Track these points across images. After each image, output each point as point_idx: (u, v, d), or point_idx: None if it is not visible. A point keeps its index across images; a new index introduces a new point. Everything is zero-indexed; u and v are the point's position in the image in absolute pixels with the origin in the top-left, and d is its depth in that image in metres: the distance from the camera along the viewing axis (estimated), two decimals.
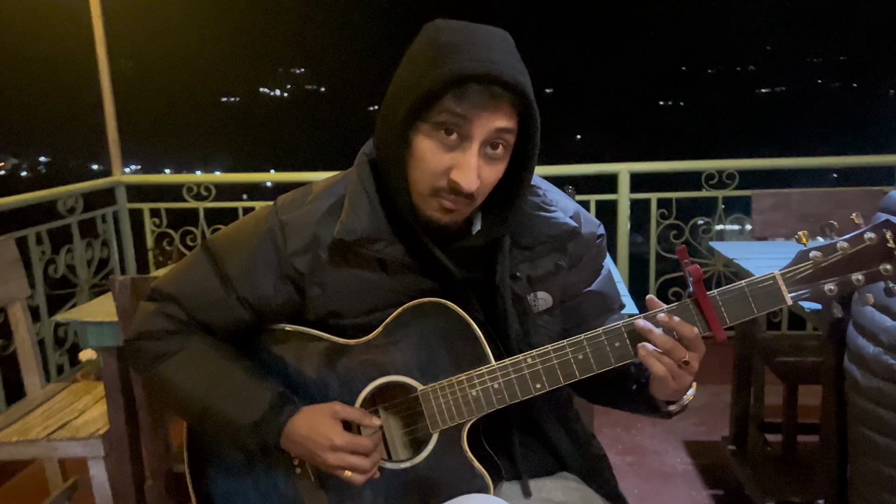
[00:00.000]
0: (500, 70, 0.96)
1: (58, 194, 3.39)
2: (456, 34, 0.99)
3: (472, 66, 0.96)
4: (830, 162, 3.84)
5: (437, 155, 1.01)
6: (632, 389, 1.15)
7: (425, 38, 1.03)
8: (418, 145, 1.02)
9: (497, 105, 0.98)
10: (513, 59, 1.00)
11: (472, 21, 1.04)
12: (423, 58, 1.00)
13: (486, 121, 0.98)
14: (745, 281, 1.01)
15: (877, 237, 0.97)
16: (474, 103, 0.97)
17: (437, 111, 0.98)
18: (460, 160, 1.00)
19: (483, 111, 0.98)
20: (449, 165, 1.01)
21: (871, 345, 1.33)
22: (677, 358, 1.00)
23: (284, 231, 1.12)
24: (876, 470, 1.32)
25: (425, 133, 1.01)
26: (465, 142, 1.00)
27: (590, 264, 1.22)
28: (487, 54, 0.97)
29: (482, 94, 0.96)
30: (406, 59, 1.05)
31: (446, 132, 0.99)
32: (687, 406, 1.12)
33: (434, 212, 1.05)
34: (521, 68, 1.00)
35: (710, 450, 2.84)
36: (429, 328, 1.11)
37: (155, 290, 1.18)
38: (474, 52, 0.97)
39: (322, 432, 1.07)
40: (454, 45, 0.98)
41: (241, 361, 1.15)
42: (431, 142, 1.01)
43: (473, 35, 1.00)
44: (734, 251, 2.29)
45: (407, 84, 1.01)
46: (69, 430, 1.97)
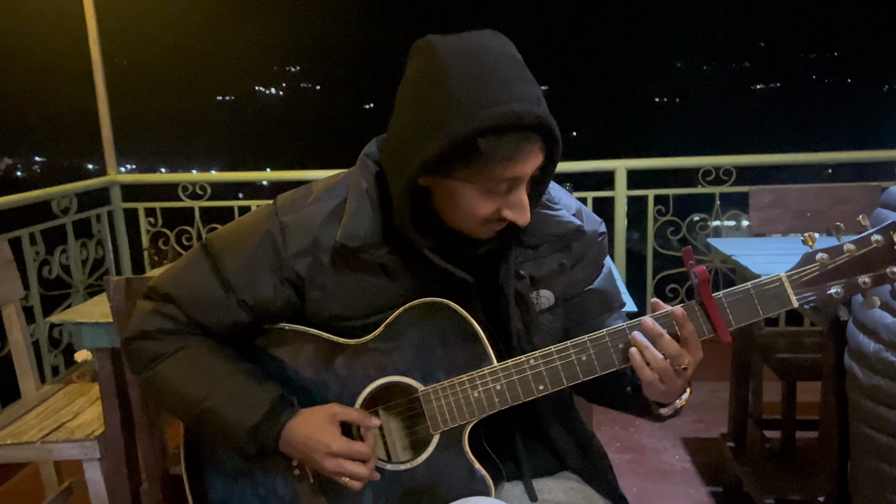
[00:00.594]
0: (524, 113, 0.92)
1: (52, 194, 3.36)
2: (464, 67, 0.93)
3: (498, 117, 0.91)
4: (827, 157, 3.82)
5: (488, 205, 1.00)
6: (626, 391, 1.14)
7: (426, 70, 0.96)
8: (456, 199, 1.01)
9: (531, 147, 0.96)
10: (528, 85, 0.96)
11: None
12: (435, 102, 0.94)
13: (530, 165, 0.98)
14: (751, 283, 0.99)
15: (883, 239, 0.95)
16: (514, 157, 0.95)
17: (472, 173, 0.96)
18: (512, 201, 1.00)
19: (523, 159, 0.96)
20: (499, 207, 1.01)
21: (871, 342, 1.32)
22: (678, 364, 0.99)
23: (285, 233, 1.10)
24: (877, 468, 1.31)
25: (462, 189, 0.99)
26: (513, 189, 1.00)
27: (592, 262, 1.21)
28: (505, 92, 0.92)
29: (516, 141, 0.94)
30: (411, 89, 0.99)
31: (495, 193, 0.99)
32: (680, 410, 1.11)
33: (483, 233, 1.06)
34: (536, 92, 0.96)
35: (709, 447, 2.83)
36: (430, 328, 1.09)
37: (152, 290, 1.16)
38: (492, 93, 0.92)
39: (319, 438, 1.06)
40: (467, 87, 0.92)
41: (240, 363, 1.14)
42: (479, 197, 1.00)
43: (483, 66, 0.93)
44: (732, 247, 2.28)
45: (421, 128, 0.95)
46: (64, 431, 1.95)
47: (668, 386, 1.01)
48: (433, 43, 0.97)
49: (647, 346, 1.00)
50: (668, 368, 0.99)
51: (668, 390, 1.02)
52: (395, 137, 1.02)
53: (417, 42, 1.00)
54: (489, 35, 0.98)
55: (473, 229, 1.05)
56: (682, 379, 1.01)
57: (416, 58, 0.99)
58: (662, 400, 1.07)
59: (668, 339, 0.99)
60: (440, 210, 1.06)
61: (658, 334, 1.00)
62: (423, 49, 0.98)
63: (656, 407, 1.10)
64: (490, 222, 1.03)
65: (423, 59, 0.97)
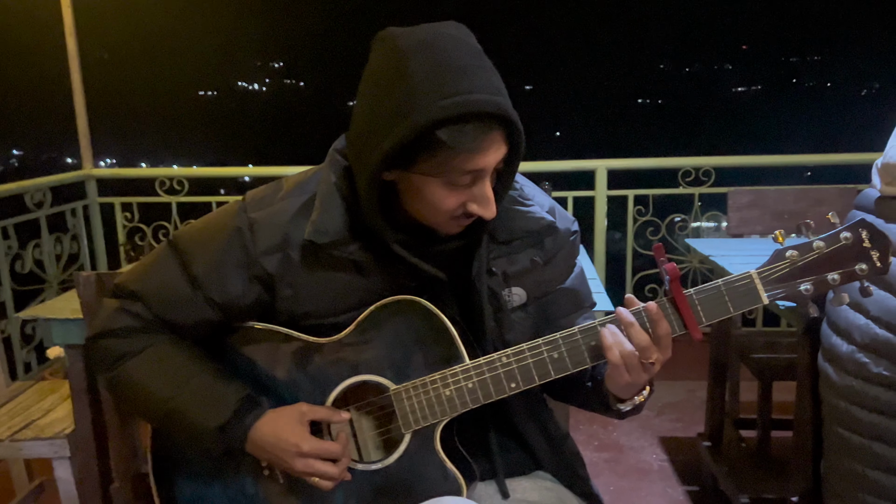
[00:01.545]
0: (483, 101, 0.91)
1: (25, 188, 3.31)
2: (422, 58, 0.92)
3: (457, 106, 0.90)
4: (806, 160, 3.86)
5: (452, 198, 0.99)
6: (587, 385, 1.13)
7: (386, 61, 0.95)
8: (421, 193, 0.99)
9: (492, 137, 0.95)
10: (488, 75, 0.94)
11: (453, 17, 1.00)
12: (394, 93, 0.92)
13: (491, 156, 0.96)
14: (722, 280, 1.00)
15: (853, 237, 0.96)
16: (475, 149, 0.93)
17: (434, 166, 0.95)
18: (477, 194, 0.99)
19: (485, 150, 0.94)
20: (464, 200, 0.99)
21: (844, 343, 1.33)
22: (646, 358, 0.98)
23: (253, 230, 1.08)
24: (850, 469, 1.32)
25: (426, 183, 0.98)
26: (477, 182, 0.98)
27: (564, 261, 1.20)
28: (464, 82, 0.91)
29: (477, 132, 0.92)
30: (371, 79, 0.97)
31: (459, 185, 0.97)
32: (640, 408, 1.11)
33: (451, 227, 1.05)
34: (497, 82, 0.95)
35: (686, 446, 2.85)
36: (402, 326, 1.08)
37: (118, 287, 1.14)
38: (450, 83, 0.90)
39: (288, 438, 1.05)
40: (425, 77, 0.91)
41: (207, 363, 1.12)
42: (440, 189, 0.98)
43: (441, 56, 0.92)
44: (710, 248, 2.29)
45: (381, 118, 0.94)
46: (34, 429, 1.92)
47: (632, 377, 1.00)
48: (392, 34, 0.96)
49: (632, 323, 0.99)
50: (635, 358, 0.99)
51: (631, 382, 1.01)
52: (358, 131, 1.00)
53: (378, 34, 0.99)
54: (449, 26, 0.97)
55: (440, 223, 1.04)
56: (647, 373, 1.00)
57: (376, 50, 0.98)
58: (623, 394, 1.06)
59: (638, 330, 0.99)
60: (406, 205, 1.04)
61: (630, 323, 0.99)
62: (382, 40, 0.97)
63: (615, 401, 1.09)
64: (456, 217, 1.02)
65: (382, 51, 0.96)
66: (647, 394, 1.08)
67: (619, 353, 0.99)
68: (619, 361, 0.99)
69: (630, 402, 1.08)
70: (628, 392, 1.05)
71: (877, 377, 1.25)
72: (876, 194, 1.34)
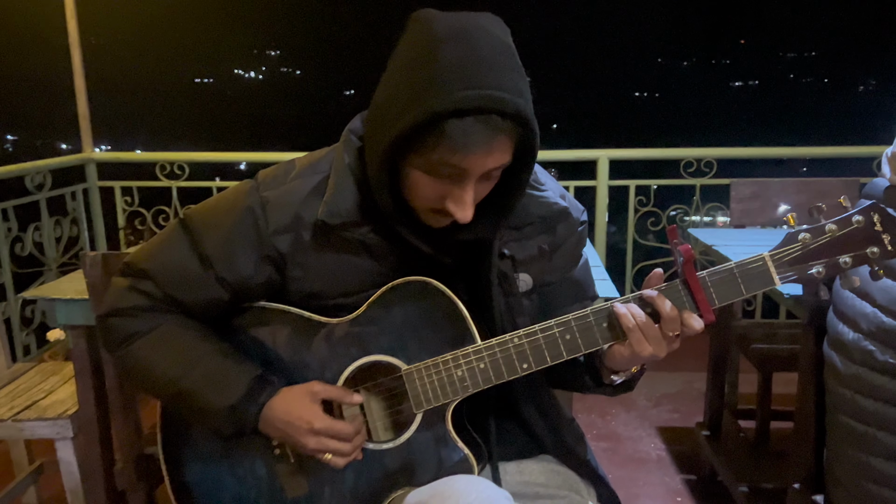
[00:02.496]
0: (501, 98, 0.89)
1: (25, 170, 3.29)
2: (455, 46, 0.90)
3: (473, 98, 0.88)
4: (809, 152, 3.88)
5: (429, 188, 0.98)
6: (579, 360, 1.13)
7: (418, 43, 0.94)
8: (410, 175, 0.98)
9: (493, 141, 0.92)
10: (514, 75, 0.93)
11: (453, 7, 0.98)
12: (418, 76, 0.91)
13: (481, 161, 0.93)
14: (735, 262, 1.00)
15: (865, 220, 0.97)
16: (469, 148, 0.91)
17: (430, 151, 0.93)
18: (455, 193, 0.97)
19: (478, 150, 0.92)
20: (443, 195, 0.98)
21: (850, 331, 1.33)
22: (670, 330, 0.98)
23: (266, 209, 1.08)
24: (854, 457, 1.33)
25: (417, 166, 0.96)
26: (460, 181, 0.96)
27: (570, 250, 1.20)
28: (489, 77, 0.89)
29: (480, 130, 0.90)
30: (400, 59, 0.96)
31: (438, 176, 0.96)
32: (632, 383, 1.12)
33: (432, 222, 1.04)
34: (523, 86, 0.93)
35: (685, 436, 2.86)
36: (413, 307, 1.08)
37: (128, 266, 1.13)
38: (475, 76, 0.89)
39: (301, 416, 1.05)
40: (452, 65, 0.89)
41: (218, 342, 1.12)
42: (424, 176, 0.97)
43: (473, 48, 0.90)
44: (712, 238, 2.30)
45: (401, 99, 0.93)
46: (36, 410, 1.91)
47: (653, 348, 0.99)
48: (428, 17, 0.94)
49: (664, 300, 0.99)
50: (653, 327, 0.99)
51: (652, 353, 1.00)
52: (377, 110, 0.99)
53: (415, 13, 0.97)
54: (487, 18, 0.96)
55: (420, 213, 1.03)
56: (670, 346, 1.01)
57: (410, 30, 0.96)
58: (624, 366, 1.06)
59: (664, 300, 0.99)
60: (404, 189, 1.02)
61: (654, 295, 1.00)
62: (418, 21, 0.96)
63: (608, 374, 1.09)
64: (436, 210, 1.00)
65: (415, 32, 0.95)
66: (639, 371, 1.09)
67: (633, 320, 0.99)
68: (632, 326, 0.99)
69: (625, 373, 1.08)
70: (628, 365, 1.05)
71: (883, 365, 1.25)
72: (885, 183, 1.34)
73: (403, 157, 0.97)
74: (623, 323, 1.00)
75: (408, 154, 0.96)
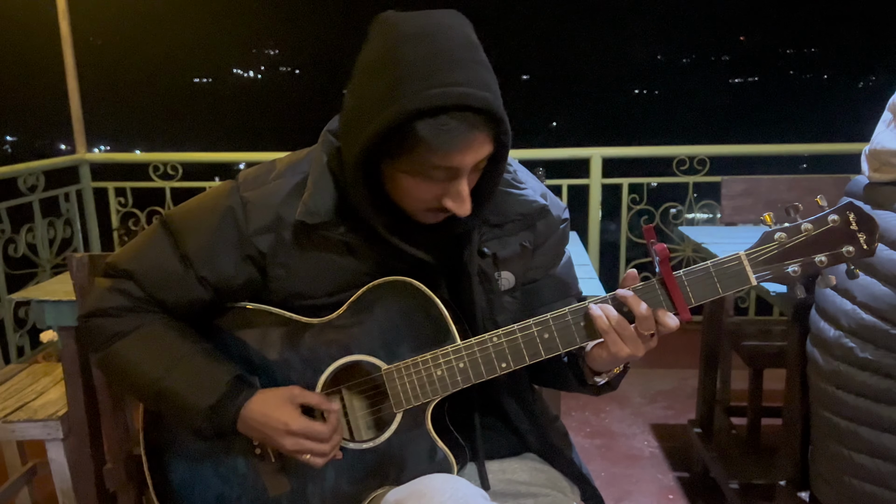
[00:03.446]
0: (471, 95, 0.89)
1: (18, 171, 3.30)
2: (417, 46, 0.90)
3: (441, 96, 0.88)
4: (799, 149, 3.88)
5: (424, 190, 0.98)
6: (562, 360, 1.14)
7: (381, 45, 0.94)
8: (397, 180, 0.98)
9: (471, 135, 0.92)
10: (480, 70, 0.93)
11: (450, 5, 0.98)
12: (384, 79, 0.91)
13: (468, 156, 0.94)
14: (711, 261, 1.00)
15: (840, 219, 0.97)
16: (451, 145, 0.91)
17: (411, 155, 0.93)
18: (451, 191, 0.97)
19: (460, 146, 0.92)
20: (440, 195, 0.98)
21: (831, 328, 1.34)
22: (645, 329, 0.99)
23: (246, 209, 1.09)
24: (837, 452, 1.33)
25: (404, 171, 0.96)
26: (454, 178, 0.97)
27: (553, 248, 1.21)
28: (454, 74, 0.89)
29: (457, 127, 0.90)
30: (365, 62, 0.96)
31: (431, 178, 0.96)
32: (616, 383, 1.13)
33: (428, 219, 1.04)
34: (489, 79, 0.93)
35: (677, 433, 2.87)
36: (394, 307, 1.09)
37: (110, 266, 1.14)
38: (439, 73, 0.89)
39: (278, 417, 1.05)
40: (416, 65, 0.89)
41: (199, 343, 1.12)
42: (414, 180, 0.97)
43: (436, 46, 0.90)
44: (703, 236, 2.30)
45: (369, 102, 0.93)
46: (27, 411, 1.92)
47: (630, 347, 1.00)
48: (389, 19, 0.95)
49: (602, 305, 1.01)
50: (628, 328, 1.00)
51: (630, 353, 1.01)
52: (347, 114, 1.00)
53: (376, 17, 0.97)
54: (449, 15, 0.96)
55: (415, 213, 1.03)
56: (646, 345, 1.01)
57: (373, 33, 0.96)
58: (605, 367, 1.07)
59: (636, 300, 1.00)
60: (388, 189, 1.03)
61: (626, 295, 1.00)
62: (379, 23, 0.96)
63: (591, 375, 1.10)
64: (432, 209, 1.01)
65: (377, 35, 0.95)
66: (622, 370, 1.09)
67: (607, 321, 1.00)
68: (607, 327, 1.00)
69: (606, 375, 1.09)
70: (609, 366, 1.06)
71: (862, 362, 1.26)
72: (865, 181, 1.35)
73: (383, 161, 0.98)
74: (598, 325, 1.00)
75: (387, 159, 0.97)
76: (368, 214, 1.02)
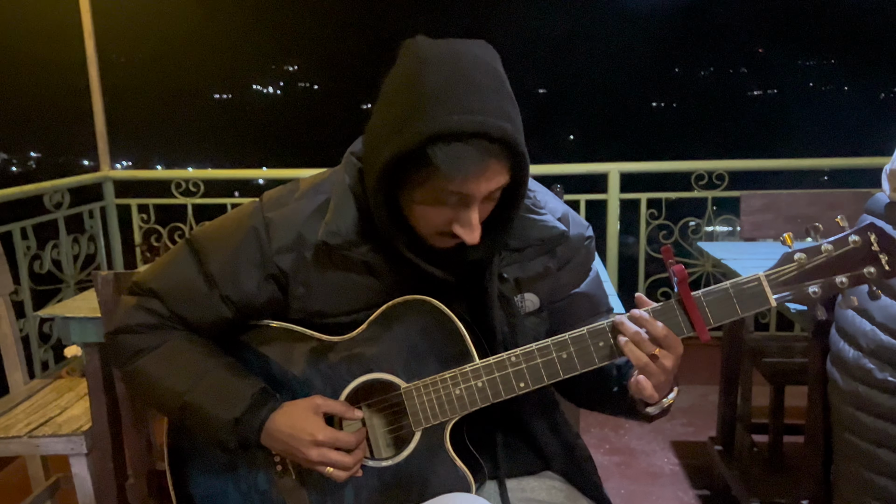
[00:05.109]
0: (488, 124, 0.90)
1: (44, 189, 3.36)
2: (439, 71, 0.92)
3: (458, 123, 0.89)
4: (817, 164, 3.85)
5: (435, 215, 0.99)
6: (613, 391, 1.14)
7: (404, 70, 0.96)
8: (411, 208, 1.00)
9: (484, 164, 0.93)
10: (502, 100, 0.94)
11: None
12: (404, 102, 0.93)
13: (481, 185, 0.95)
14: (730, 282, 1.00)
15: (861, 240, 0.97)
16: (461, 172, 0.92)
17: (425, 182, 0.94)
18: (461, 217, 0.98)
19: (472, 174, 0.93)
20: (450, 220, 0.99)
21: (851, 349, 1.33)
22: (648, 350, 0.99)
23: (269, 229, 1.11)
24: (858, 474, 1.32)
25: (419, 201, 0.98)
26: (464, 205, 0.97)
27: (578, 266, 1.21)
28: (474, 101, 0.91)
29: (471, 154, 0.91)
30: (390, 86, 0.98)
31: (442, 204, 0.97)
32: (667, 410, 1.11)
33: (438, 244, 1.05)
34: (510, 109, 0.94)
35: (698, 450, 2.84)
36: (413, 326, 1.10)
37: (136, 284, 1.16)
38: (459, 99, 0.90)
39: (304, 427, 1.07)
40: (436, 90, 0.91)
41: (223, 358, 1.14)
42: (427, 203, 0.98)
43: (458, 73, 0.92)
44: (722, 251, 2.29)
45: (389, 125, 0.95)
46: (51, 426, 1.95)
47: (653, 380, 1.01)
48: (417, 44, 0.97)
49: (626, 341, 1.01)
50: (650, 364, 1.00)
51: (655, 385, 1.02)
52: (369, 135, 1.02)
53: (406, 40, 0.99)
54: (476, 45, 0.97)
55: (427, 237, 1.04)
56: (665, 374, 1.01)
57: (400, 56, 0.98)
58: (649, 399, 1.06)
59: (644, 339, 1.00)
60: (405, 212, 1.03)
61: (634, 332, 1.00)
62: (407, 48, 0.98)
63: (643, 406, 1.09)
64: (442, 234, 1.02)
65: (404, 59, 0.97)
66: (674, 395, 1.08)
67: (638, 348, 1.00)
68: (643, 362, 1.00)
69: (658, 406, 1.08)
70: (655, 397, 1.05)
71: (882, 383, 1.25)
72: (886, 199, 1.34)
73: (400, 188, 0.99)
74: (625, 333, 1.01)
75: (404, 182, 0.98)
76: (391, 235, 1.04)
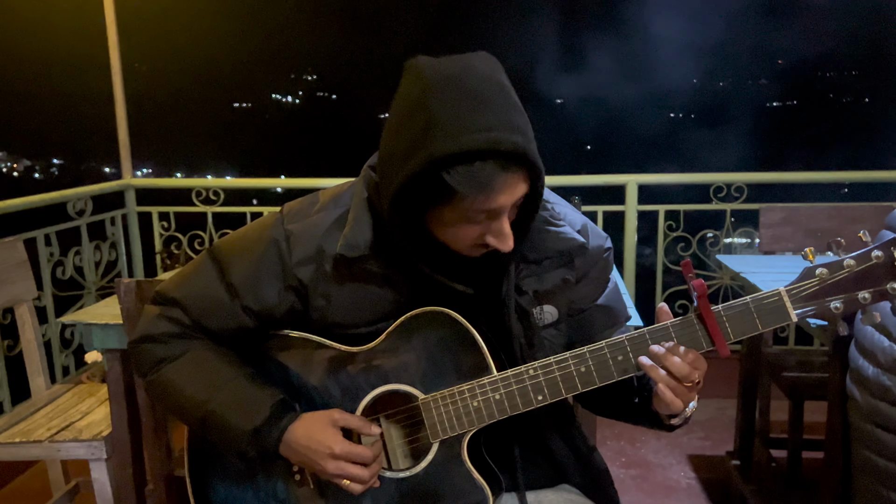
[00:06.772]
0: (500, 139, 0.91)
1: (67, 196, 3.41)
2: (445, 91, 0.93)
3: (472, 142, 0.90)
4: (837, 177, 3.82)
5: (466, 231, 1.00)
6: (634, 402, 1.14)
7: (410, 91, 0.96)
8: (441, 229, 1.01)
9: (504, 177, 0.94)
10: (510, 113, 0.94)
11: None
12: (414, 125, 0.94)
13: (505, 198, 0.96)
14: (751, 297, 1.00)
15: (884, 255, 0.96)
16: (487, 188, 0.93)
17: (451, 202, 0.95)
18: (493, 229, 1.00)
19: (497, 191, 0.94)
20: (482, 233, 1.00)
21: (870, 365, 1.31)
22: (689, 381, 1.00)
23: (289, 241, 1.12)
24: (876, 491, 1.30)
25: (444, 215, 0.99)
26: (495, 217, 0.99)
27: (597, 278, 1.21)
28: (483, 118, 0.91)
29: (490, 170, 0.92)
30: (397, 107, 0.99)
31: (473, 222, 0.98)
32: (689, 419, 1.11)
33: (472, 254, 1.06)
34: (519, 121, 0.95)
35: (715, 464, 2.82)
36: (432, 337, 1.10)
37: (159, 294, 1.18)
38: (468, 118, 0.91)
39: (321, 440, 1.07)
40: (444, 111, 0.91)
41: (244, 367, 1.15)
42: (457, 224, 0.99)
43: (464, 91, 0.92)
44: (741, 265, 2.28)
45: (401, 147, 0.96)
46: (72, 431, 1.97)
47: (681, 398, 1.02)
48: (420, 64, 0.97)
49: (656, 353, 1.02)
50: (680, 386, 1.01)
51: (680, 402, 1.03)
52: (382, 155, 1.03)
53: (408, 61, 1.00)
54: (478, 58, 0.98)
55: (460, 250, 1.05)
56: (693, 391, 1.03)
57: (405, 77, 0.99)
58: (671, 411, 1.06)
59: (675, 361, 1.00)
60: (432, 229, 1.04)
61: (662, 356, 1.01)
62: (410, 68, 0.98)
63: (667, 417, 1.10)
64: (476, 246, 1.03)
65: (409, 80, 0.98)
66: (695, 405, 1.09)
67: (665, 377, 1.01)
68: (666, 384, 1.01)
69: (681, 417, 1.09)
70: (678, 408, 1.05)
71: None
72: None
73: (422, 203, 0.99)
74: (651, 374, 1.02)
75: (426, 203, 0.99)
76: (409, 251, 1.05)
